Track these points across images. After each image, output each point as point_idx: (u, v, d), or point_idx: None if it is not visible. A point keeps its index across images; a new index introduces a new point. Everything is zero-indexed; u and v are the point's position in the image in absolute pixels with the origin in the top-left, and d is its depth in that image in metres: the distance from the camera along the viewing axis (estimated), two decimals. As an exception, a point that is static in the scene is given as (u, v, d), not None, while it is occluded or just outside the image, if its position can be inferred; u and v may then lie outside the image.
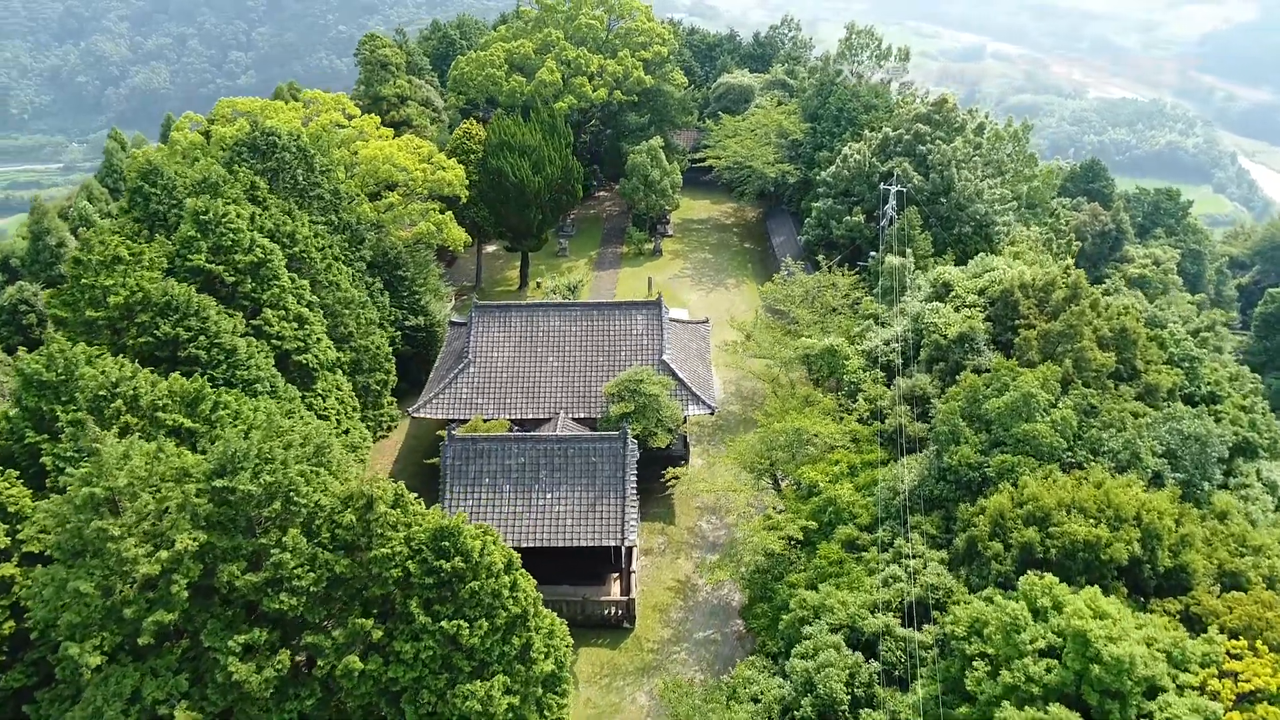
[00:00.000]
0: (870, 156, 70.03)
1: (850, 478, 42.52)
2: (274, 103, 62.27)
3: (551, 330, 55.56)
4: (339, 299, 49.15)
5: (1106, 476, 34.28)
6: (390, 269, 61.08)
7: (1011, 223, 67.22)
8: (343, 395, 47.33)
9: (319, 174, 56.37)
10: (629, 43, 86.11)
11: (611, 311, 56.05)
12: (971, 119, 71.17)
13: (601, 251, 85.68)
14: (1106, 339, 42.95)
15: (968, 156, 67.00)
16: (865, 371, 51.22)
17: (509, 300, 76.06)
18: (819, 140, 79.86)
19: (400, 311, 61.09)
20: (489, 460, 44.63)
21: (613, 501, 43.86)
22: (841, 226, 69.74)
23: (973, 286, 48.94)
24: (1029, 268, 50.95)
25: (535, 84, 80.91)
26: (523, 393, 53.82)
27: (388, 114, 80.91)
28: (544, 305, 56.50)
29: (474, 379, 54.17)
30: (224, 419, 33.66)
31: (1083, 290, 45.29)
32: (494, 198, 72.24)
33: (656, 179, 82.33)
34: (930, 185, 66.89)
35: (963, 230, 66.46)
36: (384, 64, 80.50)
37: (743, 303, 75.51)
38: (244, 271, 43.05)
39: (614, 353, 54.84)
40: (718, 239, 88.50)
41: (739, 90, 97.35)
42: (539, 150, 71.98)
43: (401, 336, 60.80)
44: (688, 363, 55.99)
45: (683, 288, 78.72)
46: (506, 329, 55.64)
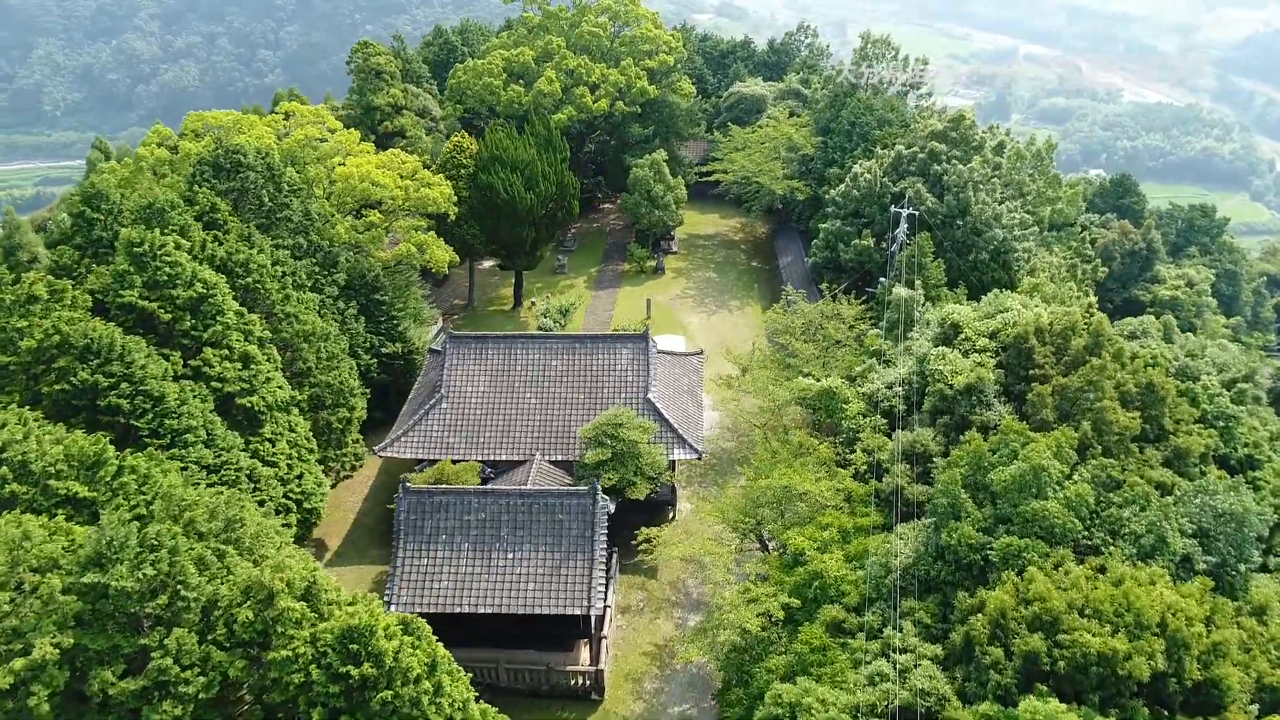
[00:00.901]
0: (881, 176, 65.26)
1: (841, 544, 38.07)
2: (247, 116, 58.62)
3: (530, 364, 51.46)
4: (297, 332, 45.32)
5: (1127, 571, 29.58)
6: (367, 292, 57.24)
7: (1032, 249, 62.23)
8: (297, 437, 43.49)
9: (288, 194, 52.63)
10: (634, 51, 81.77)
11: (595, 345, 51.84)
12: (991, 136, 66.18)
13: (602, 268, 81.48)
14: (1131, 395, 38.15)
15: (985, 178, 62.07)
16: (865, 417, 46.68)
17: (504, 320, 72.25)
18: (830, 155, 75.14)
19: (377, 338, 57.29)
20: (447, 515, 40.61)
21: (579, 564, 39.68)
22: (850, 250, 65.06)
23: (984, 329, 44.23)
24: (1047, 309, 46.14)
25: (534, 94, 76.83)
26: (497, 432, 49.78)
27: (380, 124, 77.26)
28: (523, 337, 52.41)
29: (446, 415, 50.21)
30: (128, 486, 29.85)
31: (1105, 338, 40.46)
32: (485, 215, 68.29)
33: (659, 194, 78.01)
34: (945, 208, 62.06)
35: (979, 257, 61.57)
36: (377, 72, 76.71)
37: (745, 327, 71.04)
38: (183, 308, 39.30)
39: (596, 390, 50.66)
40: (724, 256, 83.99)
41: (751, 100, 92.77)
42: (532, 165, 67.88)
43: (378, 364, 57.05)
44: (676, 400, 51.69)
45: (684, 309, 74.36)
46: (482, 362, 51.62)
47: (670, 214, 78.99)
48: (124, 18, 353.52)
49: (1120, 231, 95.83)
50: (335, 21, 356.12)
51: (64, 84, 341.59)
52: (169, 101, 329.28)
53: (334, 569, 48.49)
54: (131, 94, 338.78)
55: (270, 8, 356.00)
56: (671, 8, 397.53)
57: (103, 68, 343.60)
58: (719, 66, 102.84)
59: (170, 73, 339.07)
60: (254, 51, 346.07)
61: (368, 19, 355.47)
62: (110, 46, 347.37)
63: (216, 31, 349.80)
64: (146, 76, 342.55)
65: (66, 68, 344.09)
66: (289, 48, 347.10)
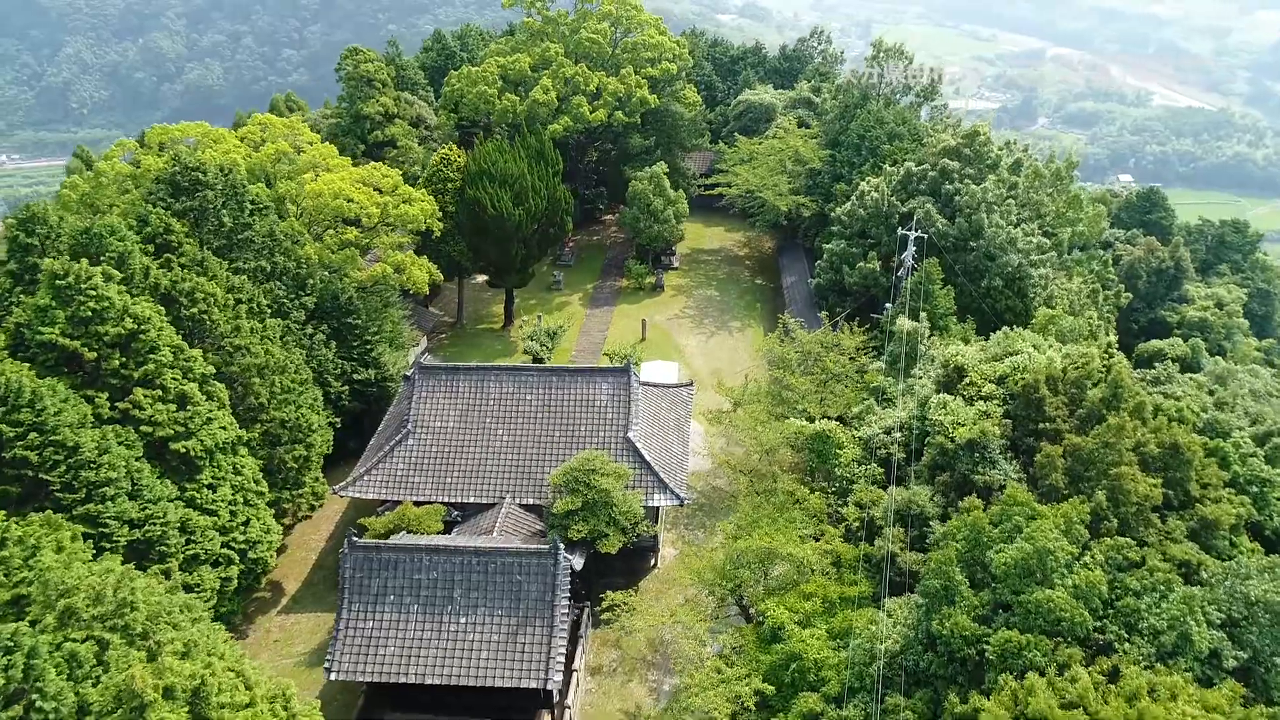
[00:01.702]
0: (889, 195, 60.93)
1: (825, 617, 34.05)
2: (215, 129, 55.23)
3: (503, 398, 47.70)
4: (248, 366, 41.82)
5: (1143, 681, 25.34)
6: (339, 316, 53.71)
7: (1049, 275, 57.68)
8: (243, 480, 40.00)
9: (252, 213, 49.17)
10: (635, 59, 77.77)
11: (572, 378, 47.99)
12: (1007, 153, 61.64)
13: (599, 285, 77.63)
14: (1152, 457, 33.81)
15: (1000, 198, 57.60)
16: (860, 465, 42.58)
17: (493, 340, 68.64)
18: (837, 170, 70.84)
19: (349, 363, 53.79)
20: (395, 573, 36.93)
21: (538, 631, 35.87)
22: (855, 274, 60.80)
23: (990, 373, 39.97)
24: (1061, 352, 41.77)
25: (528, 104, 73.06)
26: (466, 471, 46.07)
27: (370, 134, 73.93)
28: (495, 369, 48.65)
29: (412, 452, 46.58)
30: (10, 561, 26.36)
31: (1124, 389, 36.08)
32: (472, 231, 64.72)
33: (659, 209, 74.04)
34: (956, 230, 57.68)
35: (992, 283, 57.15)
36: (368, 80, 73.27)
37: (745, 351, 66.95)
38: (111, 345, 35.86)
39: (573, 427, 46.81)
40: (727, 273, 79.86)
41: (760, 109, 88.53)
42: (522, 179, 64.15)
43: (350, 391, 53.55)
44: (660, 439, 47.76)
45: (682, 330, 70.36)
46: (452, 395, 47.91)
47: (670, 229, 75.03)
48: (151, 16, 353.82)
49: (1146, 248, 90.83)
50: (358, 21, 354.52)
51: (92, 82, 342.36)
52: (194, 100, 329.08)
53: (290, 615, 45.13)
54: (157, 92, 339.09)
55: (295, 7, 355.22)
56: (695, 8, 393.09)
57: (130, 66, 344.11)
58: (729, 73, 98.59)
59: (195, 71, 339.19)
60: (278, 51, 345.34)
61: (391, 19, 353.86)
62: (137, 45, 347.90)
63: (241, 30, 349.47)
64: (172, 75, 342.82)
65: (94, 66, 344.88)
66: (312, 47, 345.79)
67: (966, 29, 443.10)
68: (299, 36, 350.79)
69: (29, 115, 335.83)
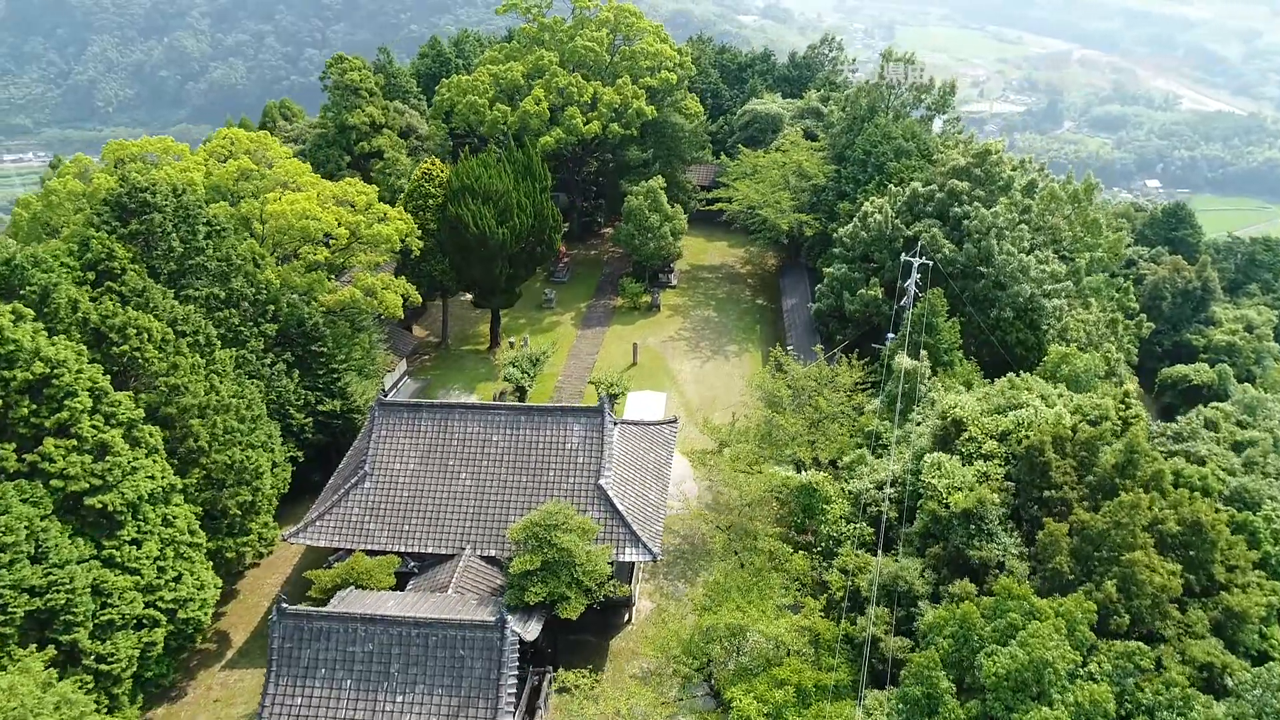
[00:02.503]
0: (894, 217, 56.69)
1: (798, 709, 30.08)
2: (178, 145, 51.86)
3: (468, 439, 43.99)
4: (185, 407, 38.38)
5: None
6: (304, 343, 50.29)
7: (1064, 307, 53.22)
8: (174, 533, 36.55)
9: (208, 236, 45.79)
10: (634, 68, 73.81)
11: (542, 418, 44.19)
12: (1021, 173, 57.17)
13: (593, 303, 73.77)
14: (1171, 536, 29.60)
15: (1011, 223, 53.22)
16: (848, 523, 38.57)
17: (478, 362, 65.03)
18: (842, 187, 66.56)
19: (314, 394, 50.34)
20: (328, 645, 33.33)
21: (482, 713, 32.18)
22: (855, 301, 56.62)
23: (992, 427, 35.80)
24: (1071, 405, 37.52)
25: (519, 114, 69.33)
26: (425, 519, 42.43)
27: (357, 144, 70.45)
28: (460, 407, 44.92)
29: (369, 496, 43.01)
30: None
31: (1141, 455, 31.80)
32: (454, 250, 61.12)
33: (655, 225, 70.08)
34: (964, 257, 53.39)
35: (1002, 314, 52.80)
36: (354, 89, 69.79)
37: (740, 379, 62.86)
38: (20, 391, 32.51)
39: (541, 472, 43.04)
40: (727, 292, 75.77)
41: (766, 119, 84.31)
42: (507, 196, 60.44)
43: (314, 424, 50.11)
44: (636, 485, 43.90)
45: (676, 355, 66.40)
46: (414, 434, 44.28)
47: (667, 247, 71.07)
48: (176, 16, 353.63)
49: (1171, 268, 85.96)
50: (381, 21, 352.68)
51: (117, 80, 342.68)
52: (217, 99, 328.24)
53: (234, 671, 41.66)
54: (181, 91, 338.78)
55: (318, 7, 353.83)
56: (716, 9, 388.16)
57: (154, 65, 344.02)
58: (736, 81, 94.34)
59: (219, 70, 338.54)
60: (301, 50, 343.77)
61: (413, 18, 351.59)
62: (162, 44, 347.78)
63: (265, 30, 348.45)
64: (196, 74, 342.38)
65: (120, 64, 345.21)
66: (335, 46, 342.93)
67: (991, 31, 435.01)
68: (321, 36, 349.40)
69: (55, 113, 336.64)
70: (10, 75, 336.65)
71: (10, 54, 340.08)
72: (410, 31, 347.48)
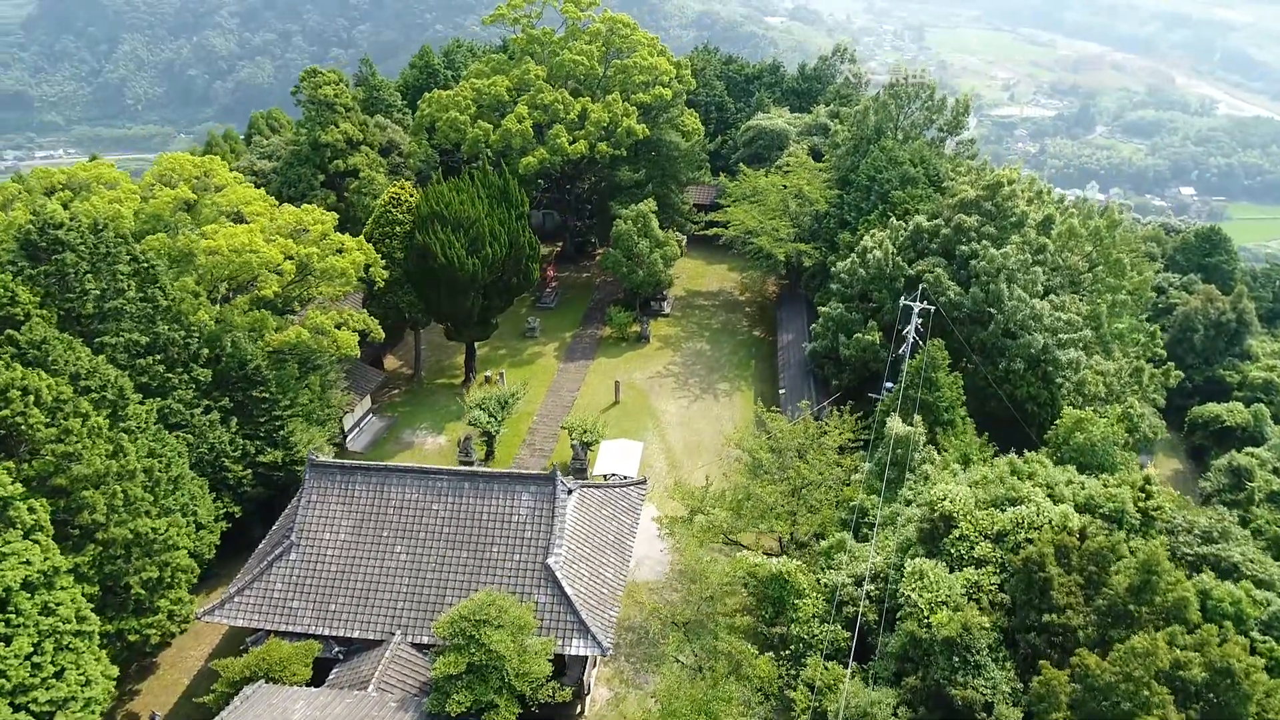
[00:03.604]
0: (895, 253, 51.23)
1: None
2: (112, 171, 47.44)
3: (405, 506, 39.26)
4: (78, 476, 33.97)
5: None
6: (244, 388, 45.83)
7: (1081, 359, 47.49)
8: (55, 622, 32.11)
9: (135, 275, 41.42)
10: (626, 83, 68.67)
11: (489, 485, 39.31)
12: (1037, 207, 51.41)
13: (579, 333, 68.78)
14: (1195, 685, 24.19)
15: (1024, 264, 47.59)
16: (822, 623, 33.40)
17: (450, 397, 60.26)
18: (845, 214, 61.06)
19: (254, 443, 45.86)
20: (208, 769, 28.81)
21: None
22: (852, 345, 51.24)
23: (987, 524, 30.46)
24: (1081, 493, 32.08)
25: (501, 133, 64.45)
26: (354, 598, 37.73)
27: (331, 163, 65.97)
28: (399, 470, 40.15)
29: (294, 570, 38.41)
30: None
31: (1159, 574, 26.34)
32: (421, 280, 56.47)
33: (644, 252, 64.97)
34: (970, 301, 47.85)
35: (1011, 366, 47.21)
36: (328, 104, 65.29)
37: (730, 422, 57.70)
38: None
39: (484, 547, 38.19)
40: (723, 323, 70.45)
41: (771, 135, 78.83)
42: (479, 224, 55.66)
43: (254, 476, 45.67)
44: (591, 563, 38.94)
45: (662, 393, 61.29)
46: (347, 500, 39.60)
47: (657, 275, 65.93)
48: (205, 15, 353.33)
49: (1204, 298, 79.53)
50: (406, 20, 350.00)
51: (146, 79, 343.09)
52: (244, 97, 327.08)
53: (142, 763, 37.31)
54: (209, 89, 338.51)
55: (344, 6, 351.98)
56: (743, 10, 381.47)
57: (183, 64, 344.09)
58: (743, 93, 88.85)
59: (246, 69, 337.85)
60: (326, 50, 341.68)
61: (438, 18, 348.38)
62: (191, 43, 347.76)
63: (291, 29, 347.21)
64: (224, 73, 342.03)
65: (150, 63, 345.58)
66: (360, 46, 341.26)
67: (1024, 33, 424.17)
68: (347, 36, 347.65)
69: (86, 111, 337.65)
70: (44, 73, 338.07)
71: (44, 52, 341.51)
72: (435, 32, 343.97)
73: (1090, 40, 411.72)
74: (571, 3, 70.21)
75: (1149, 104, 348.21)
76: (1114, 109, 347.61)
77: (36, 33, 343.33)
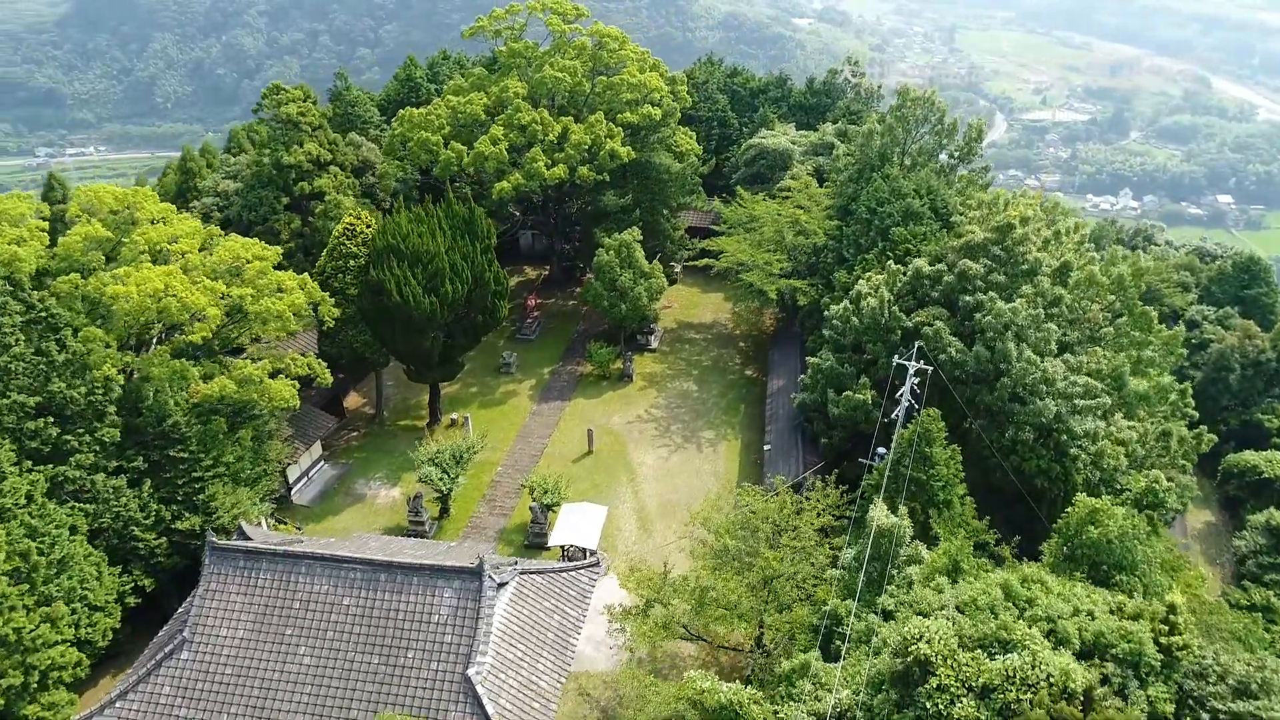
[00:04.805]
0: (891, 301, 45.28)
1: None
2: (16, 206, 42.46)
3: (314, 600, 34.10)
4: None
5: None
6: (161, 447, 40.95)
7: (1099, 431, 41.27)
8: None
9: (19, 329, 36.63)
10: (613, 101, 63.03)
11: (407, 579, 34.03)
12: (1051, 252, 45.13)
13: (558, 369, 63.33)
14: None
15: (1035, 320, 41.43)
16: (776, 771, 27.78)
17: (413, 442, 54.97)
18: (843, 250, 55.05)
19: (170, 508, 40.99)
20: None
21: None
22: (841, 403, 45.35)
23: (971, 672, 24.66)
24: (1088, 634, 26.18)
25: (473, 156, 59.14)
26: (249, 707, 32.61)
27: (296, 185, 61.06)
28: (309, 557, 35.00)
29: (184, 671, 33.37)
30: None
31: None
32: (376, 320, 51.37)
33: (627, 284, 59.42)
34: (974, 360, 41.81)
35: (1019, 435, 41.15)
36: (292, 123, 60.37)
37: (713, 478, 52.10)
38: None
39: (398, 651, 32.91)
40: (714, 359, 64.66)
41: (774, 155, 72.82)
42: (439, 259, 50.40)
43: (169, 545, 40.82)
44: (523, 671, 33.54)
45: (642, 440, 55.75)
46: (249, 590, 34.51)
47: (642, 310, 60.33)
48: (235, 14, 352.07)
49: (1242, 334, 72.49)
50: (433, 20, 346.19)
51: (176, 77, 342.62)
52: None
53: None
54: (237, 88, 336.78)
55: (371, 6, 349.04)
56: (770, 13, 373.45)
57: (212, 62, 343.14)
58: (748, 108, 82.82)
59: (274, 69, 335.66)
60: (353, 49, 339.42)
61: (464, 19, 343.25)
62: (220, 42, 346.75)
63: (319, 29, 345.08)
64: (252, 71, 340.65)
65: (179, 62, 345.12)
66: (386, 46, 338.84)
67: (1058, 36, 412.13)
68: (374, 35, 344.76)
69: (117, 109, 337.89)
70: (76, 71, 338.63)
71: (76, 50, 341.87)
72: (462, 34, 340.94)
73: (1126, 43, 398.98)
74: (556, 15, 64.72)
75: (1185, 108, 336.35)
76: (1149, 113, 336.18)
77: (70, 31, 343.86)
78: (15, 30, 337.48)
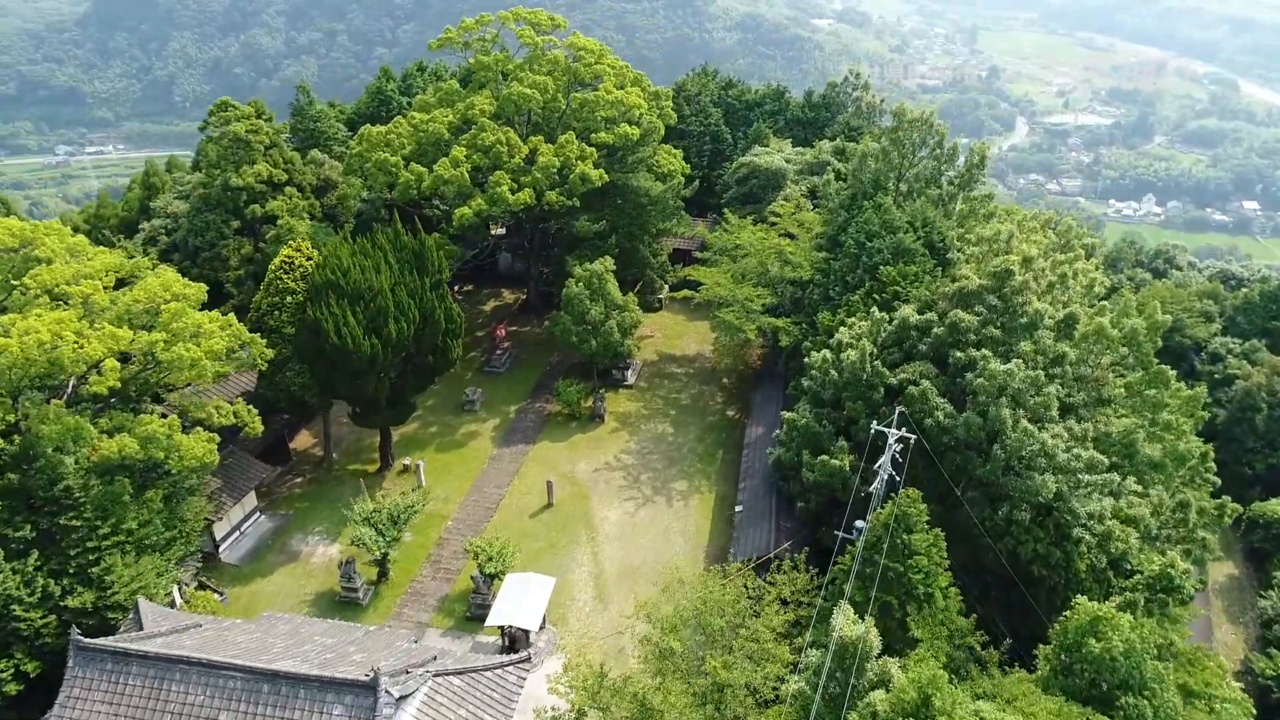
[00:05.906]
0: (874, 355, 39.92)
1: None
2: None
3: (187, 715, 29.35)
4: None
5: None
6: (50, 513, 36.42)
7: (1105, 512, 35.76)
8: None
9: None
10: (588, 119, 57.88)
11: (293, 692, 29.18)
12: (1054, 303, 39.56)
13: (525, 407, 58.32)
14: None
15: (1033, 383, 35.95)
16: None
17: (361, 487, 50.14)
18: (829, 288, 49.64)
19: (63, 581, 36.44)
20: None
21: None
22: (817, 468, 40.03)
23: None
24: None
25: (433, 179, 54.27)
26: (106, 840, 28.07)
27: (248, 207, 56.53)
28: (185, 662, 30.24)
29: (40, 793, 28.84)
30: None
31: None
32: (315, 361, 46.58)
33: (598, 319, 54.37)
34: (963, 426, 36.40)
35: (1014, 514, 35.73)
36: (242, 142, 55.76)
37: (681, 538, 46.97)
38: None
39: (279, 779, 28.20)
40: (694, 397, 59.43)
41: (766, 174, 67.38)
42: (382, 297, 45.53)
43: (58, 623, 36.27)
44: (424, 797, 28.68)
45: (607, 492, 50.66)
46: (115, 699, 29.75)
47: (613, 346, 55.20)
48: (253, 14, 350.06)
49: (1269, 371, 66.76)
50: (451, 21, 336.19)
51: (195, 77, 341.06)
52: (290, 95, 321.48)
53: None
54: (255, 87, 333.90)
55: (389, 6, 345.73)
56: (789, 13, 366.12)
57: (230, 62, 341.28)
58: (743, 121, 77.40)
59: (292, 68, 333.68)
60: (370, 49, 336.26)
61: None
62: (239, 41, 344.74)
63: (337, 29, 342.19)
64: (270, 71, 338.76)
65: (198, 61, 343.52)
66: (404, 46, 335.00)
67: (1081, 37, 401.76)
68: (392, 35, 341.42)
69: (136, 107, 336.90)
70: (96, 69, 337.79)
71: (96, 49, 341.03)
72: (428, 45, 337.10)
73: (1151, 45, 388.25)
74: (529, 27, 59.68)
75: (1211, 112, 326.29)
76: (1174, 117, 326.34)
77: (91, 29, 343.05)
78: (36, 29, 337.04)
